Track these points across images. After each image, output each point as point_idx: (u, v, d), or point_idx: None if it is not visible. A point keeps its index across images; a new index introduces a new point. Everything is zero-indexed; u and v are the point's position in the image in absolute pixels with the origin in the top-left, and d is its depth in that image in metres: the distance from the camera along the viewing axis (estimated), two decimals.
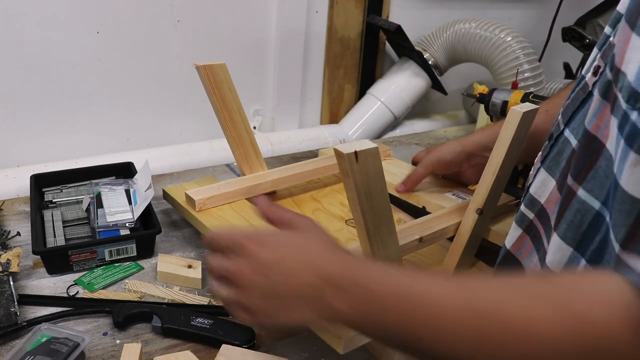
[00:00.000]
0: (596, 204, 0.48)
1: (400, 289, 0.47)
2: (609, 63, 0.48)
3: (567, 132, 0.57)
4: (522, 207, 0.63)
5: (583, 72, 0.58)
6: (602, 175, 0.47)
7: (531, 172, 0.64)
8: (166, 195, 0.95)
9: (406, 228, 0.78)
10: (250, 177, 0.96)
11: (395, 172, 1.07)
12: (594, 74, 0.54)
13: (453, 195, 0.97)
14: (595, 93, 0.51)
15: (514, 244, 0.64)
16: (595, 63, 0.54)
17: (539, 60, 1.44)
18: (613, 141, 0.45)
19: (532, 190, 0.61)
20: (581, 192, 0.49)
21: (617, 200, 0.44)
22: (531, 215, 0.62)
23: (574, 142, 0.55)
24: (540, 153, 0.62)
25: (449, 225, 0.81)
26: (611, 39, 0.52)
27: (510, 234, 0.66)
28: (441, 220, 0.82)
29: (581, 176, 0.49)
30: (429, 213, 0.93)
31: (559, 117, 0.60)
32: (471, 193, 0.95)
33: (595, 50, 0.56)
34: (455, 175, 0.98)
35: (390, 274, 0.48)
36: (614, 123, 0.45)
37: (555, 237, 0.52)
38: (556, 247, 0.52)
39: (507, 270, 0.65)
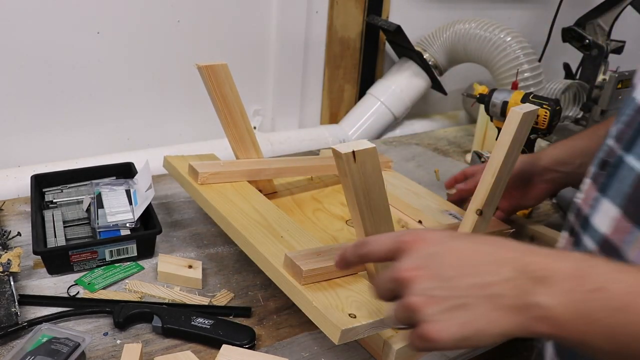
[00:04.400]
0: None
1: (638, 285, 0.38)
2: None
3: (629, 158, 0.52)
4: (586, 240, 0.57)
5: (635, 95, 0.53)
6: None
7: (584, 201, 0.59)
8: (167, 164, 0.94)
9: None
10: (255, 162, 0.95)
11: (396, 184, 1.07)
12: None
13: (450, 215, 0.97)
14: None
15: None
16: None
17: (539, 60, 1.44)
18: None
19: (593, 221, 0.56)
20: None
21: None
22: (592, 247, 0.55)
23: (638, 167, 0.51)
24: (591, 180, 0.58)
25: None
26: None
27: None
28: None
29: None
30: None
31: (611, 142, 0.56)
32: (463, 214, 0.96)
33: None
34: (520, 192, 0.93)
35: (617, 268, 0.40)
36: None
37: None
38: None
39: None
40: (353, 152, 0.56)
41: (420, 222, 0.97)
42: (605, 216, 0.54)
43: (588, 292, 0.39)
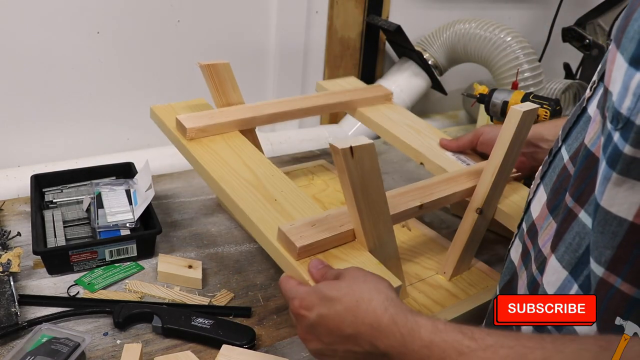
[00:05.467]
0: None
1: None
2: (603, 81, 0.47)
3: (563, 149, 0.56)
4: (523, 223, 0.62)
5: (587, 88, 0.57)
6: None
7: (531, 187, 0.63)
8: (153, 115, 0.89)
9: (406, 192, 0.74)
10: (246, 108, 0.90)
11: (395, 118, 1.01)
12: (590, 89, 0.53)
13: (453, 156, 0.92)
14: (592, 111, 0.50)
15: (518, 261, 0.63)
16: (593, 78, 0.53)
17: (539, 60, 1.44)
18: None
19: (531, 206, 0.60)
20: (582, 215, 0.48)
21: (599, 222, 0.43)
22: (525, 230, 0.60)
23: (565, 158, 0.54)
24: (540, 168, 0.61)
25: (451, 193, 0.76)
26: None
27: (515, 249, 0.64)
28: (443, 186, 0.77)
29: (583, 199, 0.48)
30: (428, 175, 0.89)
31: (560, 132, 0.59)
32: (472, 157, 0.92)
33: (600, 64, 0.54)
34: None
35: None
36: (602, 143, 0.44)
37: (552, 259, 0.51)
38: (552, 270, 0.51)
39: (513, 291, 0.62)
40: (351, 147, 0.55)
41: (422, 164, 0.92)
42: (539, 202, 0.57)
43: None
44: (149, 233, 0.87)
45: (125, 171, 1.03)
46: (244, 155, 0.80)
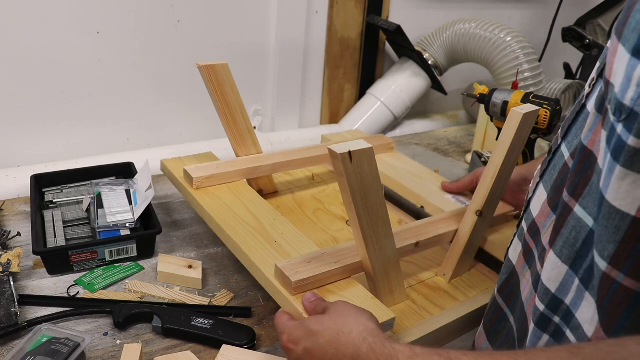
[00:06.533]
0: (590, 221, 0.47)
1: None
2: (602, 76, 0.47)
3: (563, 146, 0.56)
4: (523, 222, 0.62)
5: (586, 85, 0.57)
6: (595, 191, 0.46)
7: (530, 186, 0.63)
8: (164, 168, 0.95)
9: (403, 231, 0.78)
10: (251, 159, 0.94)
11: (397, 166, 1.06)
12: (589, 85, 0.53)
13: (453, 198, 0.97)
14: (590, 107, 0.50)
15: (517, 260, 0.63)
16: (592, 75, 0.53)
17: (539, 60, 1.44)
18: (602, 155, 0.45)
19: (531, 204, 0.61)
20: (577, 209, 0.48)
21: (603, 216, 0.43)
22: (525, 229, 0.61)
23: (566, 155, 0.54)
24: (539, 167, 0.62)
25: (447, 231, 0.80)
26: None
27: (513, 248, 0.64)
28: (439, 225, 0.81)
29: (577, 192, 0.48)
30: (427, 215, 0.93)
31: (559, 130, 0.59)
32: (471, 197, 0.95)
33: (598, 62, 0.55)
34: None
35: None
36: (603, 136, 0.44)
37: (551, 254, 0.51)
38: (552, 265, 0.51)
39: (510, 289, 0.63)
40: (349, 152, 0.55)
41: (422, 207, 0.96)
42: (539, 200, 0.58)
43: None
44: (149, 233, 0.87)
45: (125, 171, 1.04)
46: (247, 203, 0.85)
